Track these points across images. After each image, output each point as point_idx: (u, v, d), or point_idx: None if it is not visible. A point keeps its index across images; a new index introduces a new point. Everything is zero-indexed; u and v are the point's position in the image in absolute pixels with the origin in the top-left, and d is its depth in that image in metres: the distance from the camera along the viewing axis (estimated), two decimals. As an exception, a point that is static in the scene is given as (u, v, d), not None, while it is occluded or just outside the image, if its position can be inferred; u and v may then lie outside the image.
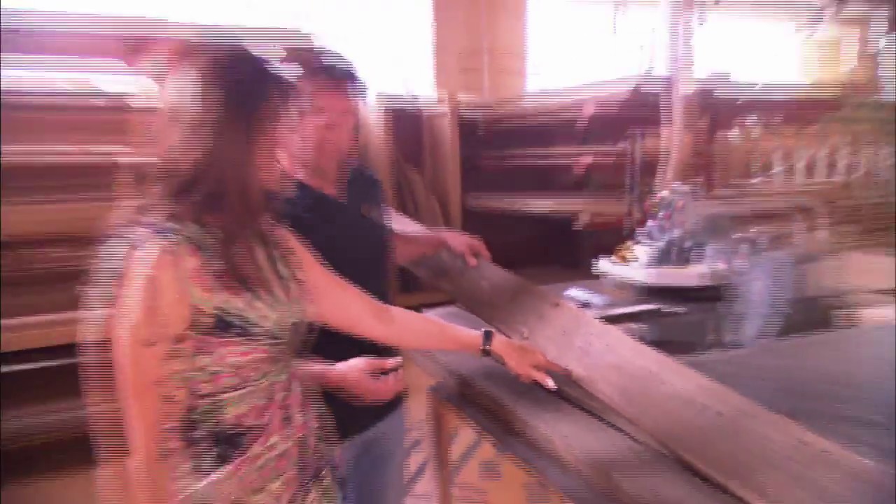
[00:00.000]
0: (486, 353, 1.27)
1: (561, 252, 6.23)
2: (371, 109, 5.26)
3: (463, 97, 5.64)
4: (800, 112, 5.62)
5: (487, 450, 3.23)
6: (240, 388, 0.99)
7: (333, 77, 1.37)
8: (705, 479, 0.96)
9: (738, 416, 1.00)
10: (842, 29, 7.64)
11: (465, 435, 3.32)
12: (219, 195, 0.95)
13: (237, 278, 0.96)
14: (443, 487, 1.91)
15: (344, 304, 1.24)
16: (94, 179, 3.06)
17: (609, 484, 1.14)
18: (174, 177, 0.94)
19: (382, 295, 1.56)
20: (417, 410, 1.94)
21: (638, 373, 1.16)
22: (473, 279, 1.69)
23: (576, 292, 2.80)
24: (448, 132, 5.51)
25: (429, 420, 1.87)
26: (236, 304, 0.96)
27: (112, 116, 3.41)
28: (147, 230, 0.92)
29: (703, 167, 4.57)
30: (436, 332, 1.36)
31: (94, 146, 3.39)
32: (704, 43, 6.79)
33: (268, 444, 1.02)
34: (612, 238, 3.18)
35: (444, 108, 5.52)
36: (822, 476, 0.86)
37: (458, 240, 1.75)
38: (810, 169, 8.15)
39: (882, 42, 8.34)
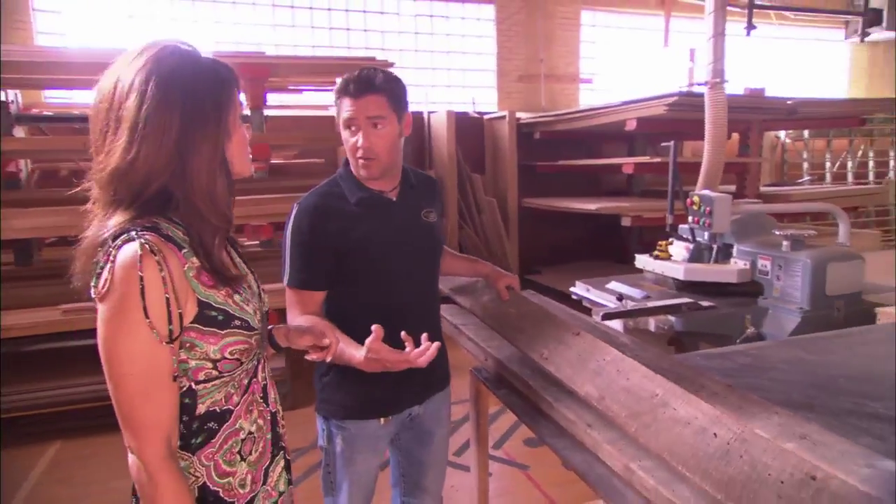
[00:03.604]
0: (272, 340, 1.13)
1: (611, 247, 6.03)
2: (441, 122, 5.27)
3: (522, 114, 5.57)
4: (843, 119, 5.17)
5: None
6: (216, 379, 0.92)
7: (351, 89, 1.33)
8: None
9: (735, 440, 0.91)
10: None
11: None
12: (187, 199, 0.87)
13: (216, 274, 0.89)
14: (481, 460, 1.87)
15: None
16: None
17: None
18: (144, 184, 0.85)
19: (430, 286, 1.55)
20: (463, 389, 1.90)
21: (646, 396, 1.09)
22: (502, 306, 1.70)
23: (615, 285, 2.69)
24: (507, 140, 5.44)
25: (471, 398, 1.83)
26: (217, 297, 0.90)
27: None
28: (130, 233, 0.83)
29: (738, 173, 4.30)
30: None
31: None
32: (746, 55, 6.35)
33: (238, 424, 0.95)
34: (659, 235, 3.02)
35: (504, 118, 5.46)
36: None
37: (497, 275, 1.72)
38: (847, 174, 7.53)
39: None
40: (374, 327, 1.18)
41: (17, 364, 3.18)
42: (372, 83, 1.34)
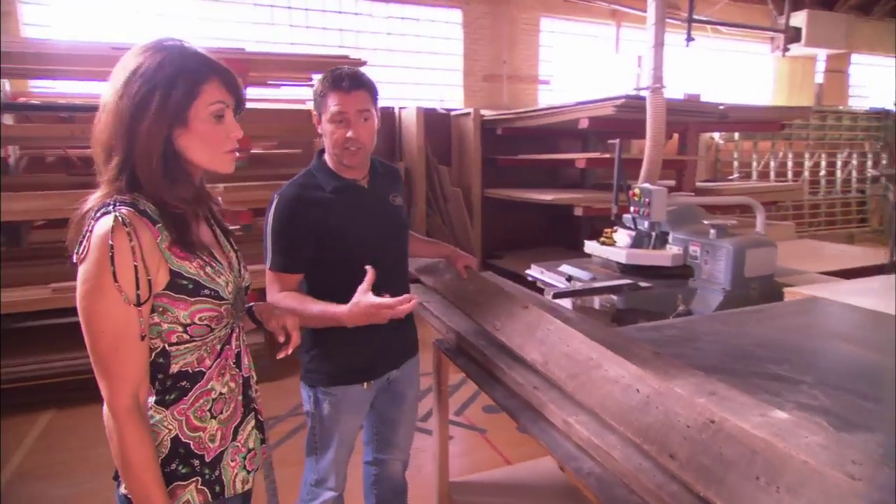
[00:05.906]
0: (251, 312, 1.17)
1: (565, 235, 6.15)
2: (411, 118, 5.26)
3: (486, 111, 5.60)
4: (767, 124, 5.38)
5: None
6: (188, 342, 0.94)
7: (344, 85, 1.36)
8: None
9: (654, 394, 0.99)
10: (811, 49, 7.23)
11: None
12: (134, 175, 0.89)
13: (186, 247, 0.92)
14: (442, 422, 1.93)
15: None
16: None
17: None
18: (107, 157, 0.89)
19: (401, 263, 1.59)
20: (428, 363, 1.95)
21: (582, 359, 1.17)
22: (461, 283, 1.76)
23: (566, 268, 2.77)
24: (472, 135, 5.47)
25: (434, 367, 1.89)
26: (189, 268, 0.92)
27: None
28: (108, 207, 0.86)
29: (677, 170, 4.45)
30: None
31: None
32: (686, 63, 6.52)
33: (210, 385, 0.98)
34: (607, 223, 3.11)
35: (470, 115, 5.48)
36: (718, 445, 0.85)
37: (456, 256, 1.78)
38: (777, 171, 7.85)
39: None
40: (367, 267, 1.23)
41: (9, 339, 3.10)
42: (360, 80, 1.38)
